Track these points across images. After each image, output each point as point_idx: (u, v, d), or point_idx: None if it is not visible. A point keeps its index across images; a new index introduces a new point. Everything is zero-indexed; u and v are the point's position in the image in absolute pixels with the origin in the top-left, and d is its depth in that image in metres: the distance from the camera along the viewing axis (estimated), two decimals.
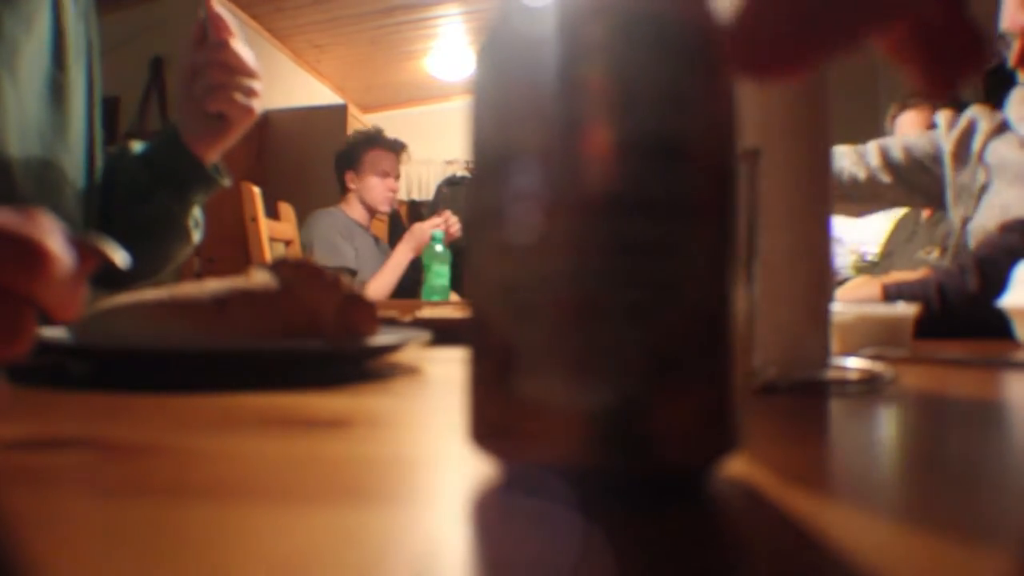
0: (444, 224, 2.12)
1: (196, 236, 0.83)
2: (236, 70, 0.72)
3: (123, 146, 0.82)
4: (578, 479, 0.16)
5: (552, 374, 0.16)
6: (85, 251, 0.27)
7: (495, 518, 0.16)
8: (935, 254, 1.47)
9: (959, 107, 1.23)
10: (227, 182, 0.81)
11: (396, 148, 2.31)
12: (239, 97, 0.73)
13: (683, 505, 0.16)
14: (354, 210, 2.25)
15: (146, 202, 0.77)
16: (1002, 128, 1.11)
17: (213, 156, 0.78)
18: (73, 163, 0.73)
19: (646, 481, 0.16)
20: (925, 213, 1.62)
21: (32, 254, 0.24)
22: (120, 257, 0.29)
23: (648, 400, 0.16)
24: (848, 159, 1.22)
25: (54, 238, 0.24)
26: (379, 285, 2.04)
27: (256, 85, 0.74)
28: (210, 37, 0.71)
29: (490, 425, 0.17)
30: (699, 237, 0.16)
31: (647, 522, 0.15)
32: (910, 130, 1.60)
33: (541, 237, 0.16)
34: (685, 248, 0.16)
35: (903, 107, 1.72)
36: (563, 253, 0.16)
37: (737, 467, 0.19)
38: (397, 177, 2.32)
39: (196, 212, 0.82)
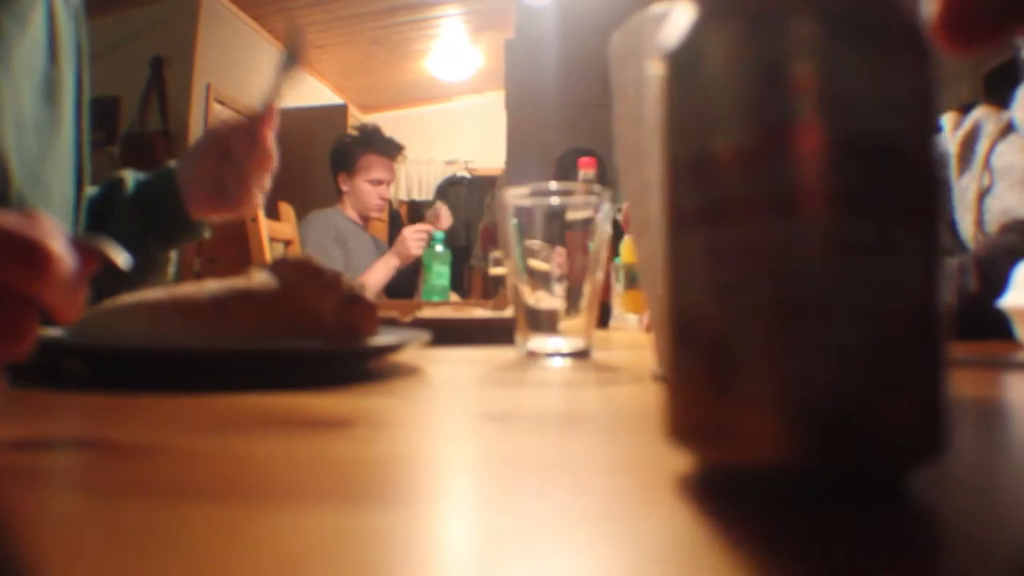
0: (432, 224, 2.09)
1: (170, 271, 0.87)
2: (267, 169, 0.78)
3: (118, 179, 0.83)
4: (790, 478, 0.16)
5: (770, 374, 0.16)
6: (87, 252, 0.27)
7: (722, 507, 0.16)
8: None
9: (964, 108, 1.21)
10: (207, 234, 0.85)
11: (392, 153, 2.24)
12: (256, 194, 0.78)
13: (890, 505, 0.16)
14: (350, 210, 2.24)
15: (137, 252, 0.78)
16: (1008, 130, 1.08)
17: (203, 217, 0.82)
18: (64, 162, 0.74)
19: (856, 481, 0.16)
20: None
21: (35, 255, 0.24)
22: (122, 259, 0.29)
23: (867, 400, 0.16)
24: None
25: (56, 239, 0.25)
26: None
27: (267, 181, 0.80)
28: (258, 134, 0.75)
29: (698, 424, 0.17)
30: (914, 235, 0.16)
31: (854, 522, 0.15)
32: None
33: (762, 238, 0.16)
34: (902, 247, 0.16)
35: None
36: (783, 253, 0.16)
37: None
38: (391, 183, 2.26)
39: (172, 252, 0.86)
